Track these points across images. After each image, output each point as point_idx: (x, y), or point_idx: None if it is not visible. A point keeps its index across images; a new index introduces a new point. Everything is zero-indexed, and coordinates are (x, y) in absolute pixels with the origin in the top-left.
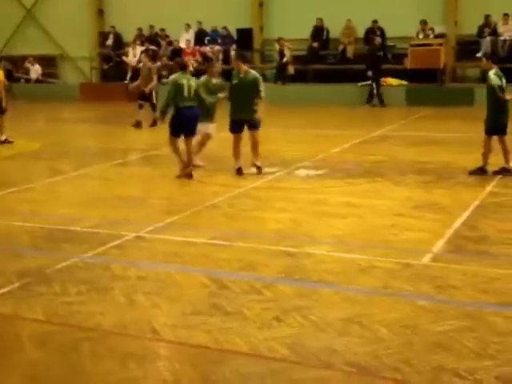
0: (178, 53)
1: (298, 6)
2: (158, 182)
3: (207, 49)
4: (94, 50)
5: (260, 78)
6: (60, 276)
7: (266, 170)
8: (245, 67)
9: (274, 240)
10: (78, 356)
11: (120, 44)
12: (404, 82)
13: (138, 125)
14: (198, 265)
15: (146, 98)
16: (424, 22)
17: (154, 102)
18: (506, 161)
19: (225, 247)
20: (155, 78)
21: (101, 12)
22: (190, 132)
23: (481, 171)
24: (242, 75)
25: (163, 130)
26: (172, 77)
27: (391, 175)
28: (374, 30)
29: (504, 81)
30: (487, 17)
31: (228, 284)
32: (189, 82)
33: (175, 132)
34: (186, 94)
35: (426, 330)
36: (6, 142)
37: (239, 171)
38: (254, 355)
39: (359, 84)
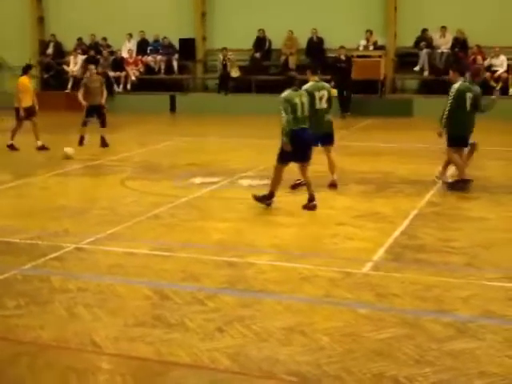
0: (119, 62)
1: (241, 17)
2: (99, 192)
3: (149, 58)
4: (34, 58)
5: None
6: None
7: (208, 179)
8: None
9: (216, 250)
10: (17, 371)
11: (61, 53)
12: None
13: (82, 140)
14: (140, 276)
15: (99, 113)
16: (369, 33)
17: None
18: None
19: (167, 258)
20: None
21: (41, 20)
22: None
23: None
24: None
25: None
26: (285, 94)
27: None
28: (314, 40)
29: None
30: (423, 30)
31: (170, 295)
32: (302, 100)
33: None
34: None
35: (367, 338)
36: (43, 148)
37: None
38: (197, 366)
39: None
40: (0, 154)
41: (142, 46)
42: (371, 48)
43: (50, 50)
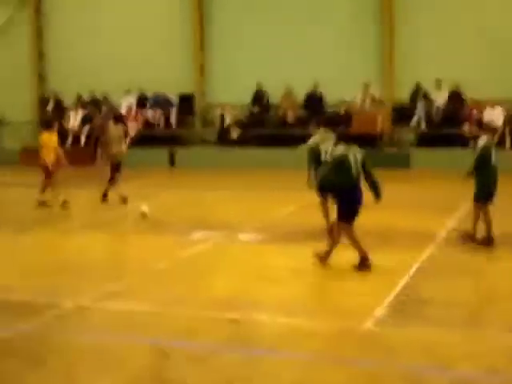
0: (119, 118)
1: (239, 72)
2: (99, 248)
3: (148, 113)
4: (35, 114)
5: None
6: None
7: (208, 233)
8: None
9: (217, 307)
10: None
11: (61, 109)
12: None
13: (124, 201)
14: (140, 333)
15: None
16: (366, 86)
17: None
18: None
19: (168, 314)
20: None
21: (41, 77)
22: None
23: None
24: None
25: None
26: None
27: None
28: (315, 94)
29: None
30: (418, 84)
31: (171, 353)
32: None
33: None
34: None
35: None
36: (64, 204)
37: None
38: None
39: (298, 147)
40: (5, 207)
41: (141, 101)
42: (368, 101)
43: (50, 107)
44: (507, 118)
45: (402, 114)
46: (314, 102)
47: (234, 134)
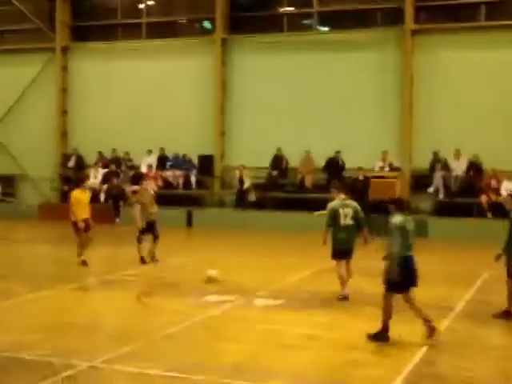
0: (139, 177)
1: (259, 136)
2: (114, 308)
3: (168, 173)
4: (56, 171)
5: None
6: None
7: (223, 297)
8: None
9: (231, 373)
10: None
11: (81, 166)
12: None
13: (143, 260)
14: None
15: (153, 228)
16: (385, 153)
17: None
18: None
19: (180, 380)
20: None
21: (64, 134)
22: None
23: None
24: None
25: (120, 253)
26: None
27: (349, 306)
28: (335, 160)
29: None
30: (436, 153)
31: None
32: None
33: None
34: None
35: None
36: (83, 263)
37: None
38: None
39: (315, 213)
40: (17, 264)
41: (162, 162)
42: (387, 169)
43: (71, 163)
44: None
45: (420, 183)
46: (333, 167)
47: (252, 196)
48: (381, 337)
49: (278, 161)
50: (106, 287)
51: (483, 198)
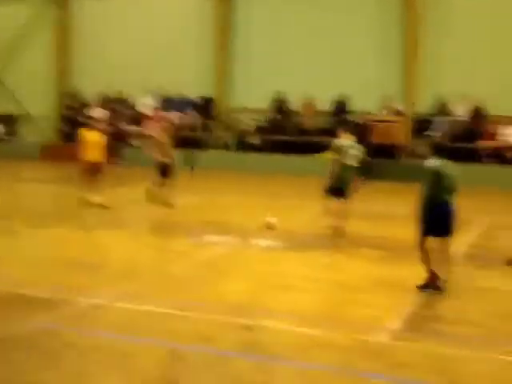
0: (138, 117)
1: (260, 78)
2: (115, 248)
3: (170, 115)
4: (56, 110)
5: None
6: (7, 343)
7: (224, 237)
8: None
9: (232, 312)
10: None
11: (82, 105)
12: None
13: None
14: (153, 335)
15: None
16: (389, 99)
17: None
18: None
19: (181, 318)
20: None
21: (64, 73)
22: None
23: None
24: None
25: (123, 194)
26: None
27: (350, 249)
28: (339, 103)
29: None
30: (439, 98)
31: (184, 356)
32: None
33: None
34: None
35: None
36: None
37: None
38: None
39: (318, 155)
40: (19, 203)
41: (162, 103)
42: (389, 113)
43: (71, 103)
44: None
45: (422, 127)
46: (338, 110)
47: (254, 139)
48: (431, 285)
49: (280, 104)
50: (108, 227)
51: (483, 143)
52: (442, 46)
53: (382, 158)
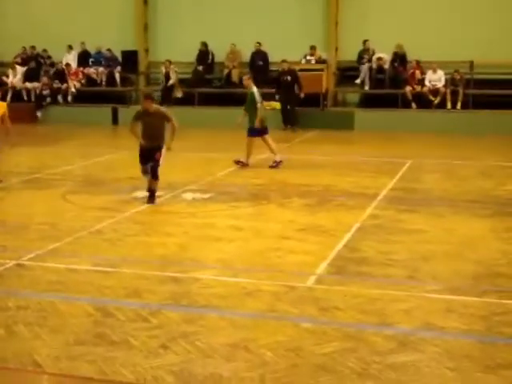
0: (61, 74)
1: (184, 30)
2: (40, 207)
3: (91, 70)
4: None
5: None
6: None
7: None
8: None
9: (159, 265)
10: None
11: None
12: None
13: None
14: (81, 293)
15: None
16: (313, 48)
17: None
18: None
19: (109, 274)
20: None
21: None
22: None
23: None
24: None
25: (44, 152)
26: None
27: (276, 198)
28: (257, 53)
29: None
30: (365, 42)
31: (113, 312)
32: None
33: None
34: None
35: (311, 353)
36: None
37: None
38: None
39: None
40: None
41: (84, 58)
42: (313, 62)
43: None
44: (449, 80)
45: (347, 75)
46: (258, 61)
47: (179, 92)
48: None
49: (203, 55)
50: (29, 187)
51: (407, 89)
52: None
53: (306, 107)
